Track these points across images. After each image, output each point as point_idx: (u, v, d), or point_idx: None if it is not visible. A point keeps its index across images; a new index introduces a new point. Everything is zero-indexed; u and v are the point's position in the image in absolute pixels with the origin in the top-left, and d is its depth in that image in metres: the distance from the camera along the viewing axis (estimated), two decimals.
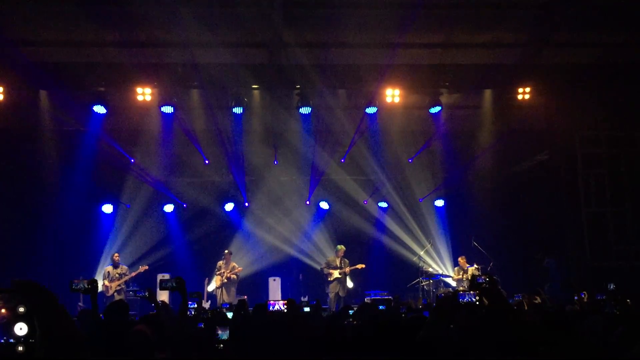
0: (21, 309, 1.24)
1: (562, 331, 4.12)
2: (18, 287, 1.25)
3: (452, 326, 3.56)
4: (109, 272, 13.64)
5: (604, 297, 8.77)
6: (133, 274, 13.65)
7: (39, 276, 12.75)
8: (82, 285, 4.66)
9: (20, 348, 1.24)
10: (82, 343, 1.31)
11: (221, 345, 5.33)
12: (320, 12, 11.85)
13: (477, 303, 4.05)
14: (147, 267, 13.86)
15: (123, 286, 13.49)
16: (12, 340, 1.26)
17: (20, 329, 1.24)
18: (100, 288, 13.59)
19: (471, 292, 4.07)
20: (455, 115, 14.88)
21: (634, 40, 12.85)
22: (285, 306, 6.58)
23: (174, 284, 4.54)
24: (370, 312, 6.60)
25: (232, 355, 4.67)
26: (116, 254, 13.95)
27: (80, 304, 12.48)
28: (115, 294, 13.32)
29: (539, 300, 9.96)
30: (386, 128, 15.03)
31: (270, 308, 6.72)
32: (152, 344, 3.78)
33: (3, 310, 1.25)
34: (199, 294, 10.02)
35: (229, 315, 7.80)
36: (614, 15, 11.76)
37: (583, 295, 9.99)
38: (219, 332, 5.53)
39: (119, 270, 13.61)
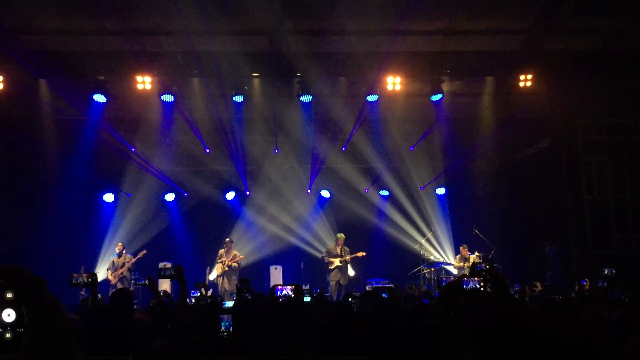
0: (9, 295, 1.20)
1: (563, 319, 4.11)
2: (4, 273, 1.22)
3: (454, 312, 3.55)
4: (113, 261, 13.69)
5: (604, 284, 8.75)
6: (133, 259, 13.64)
7: (40, 266, 12.78)
8: (81, 280, 4.66)
9: (8, 335, 1.21)
10: (72, 331, 1.28)
11: (225, 333, 5.33)
12: (321, 0, 11.78)
13: (482, 289, 4.03)
14: (145, 252, 13.85)
15: (126, 274, 13.48)
16: None
17: (8, 315, 1.21)
18: (105, 277, 13.67)
19: (475, 278, 4.05)
20: (457, 102, 14.82)
21: (637, 27, 12.77)
22: (292, 291, 6.54)
23: (172, 272, 4.54)
24: (374, 300, 6.59)
25: (235, 342, 4.66)
26: (119, 244, 13.96)
27: (82, 292, 12.51)
28: (118, 283, 13.35)
29: (539, 287, 9.98)
30: (387, 116, 14.98)
31: (278, 293, 6.66)
32: (152, 331, 3.78)
33: None
34: (204, 284, 10.04)
35: (230, 304, 7.77)
36: (617, 2, 11.69)
37: (584, 283, 9.97)
38: (223, 319, 5.53)
39: (122, 259, 13.64)
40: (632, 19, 12.43)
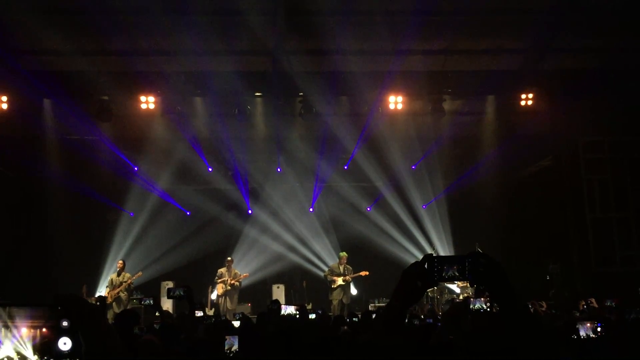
0: (64, 324, 1.23)
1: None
2: (61, 302, 1.24)
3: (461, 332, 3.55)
4: (112, 279, 13.46)
5: (612, 304, 8.63)
6: (129, 281, 13.36)
7: (42, 284, 12.75)
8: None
9: None
10: (125, 356, 1.31)
11: (231, 354, 5.30)
12: (323, 20, 11.88)
13: (488, 309, 4.04)
14: (140, 274, 13.68)
15: (122, 294, 13.15)
16: None
17: (64, 343, 1.23)
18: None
19: (481, 298, 4.06)
20: (458, 121, 14.87)
21: (636, 44, 12.85)
22: (296, 311, 6.51)
23: (181, 293, 4.54)
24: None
25: None
26: (120, 261, 13.83)
27: None
28: (113, 303, 13.04)
29: (545, 306, 9.94)
30: (389, 135, 15.01)
31: (283, 311, 6.64)
32: (161, 353, 3.78)
33: (44, 330, 1.23)
34: (201, 304, 10.01)
35: (236, 324, 7.77)
36: (617, 21, 11.77)
37: (590, 303, 9.92)
38: (228, 339, 5.49)
39: (120, 278, 13.36)
40: (632, 37, 12.50)
